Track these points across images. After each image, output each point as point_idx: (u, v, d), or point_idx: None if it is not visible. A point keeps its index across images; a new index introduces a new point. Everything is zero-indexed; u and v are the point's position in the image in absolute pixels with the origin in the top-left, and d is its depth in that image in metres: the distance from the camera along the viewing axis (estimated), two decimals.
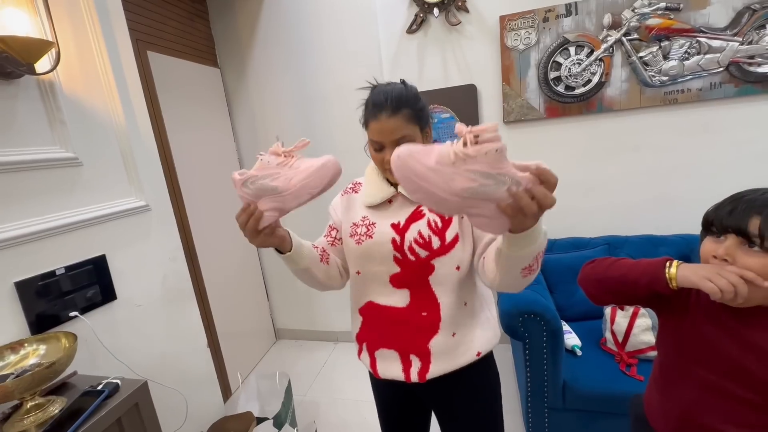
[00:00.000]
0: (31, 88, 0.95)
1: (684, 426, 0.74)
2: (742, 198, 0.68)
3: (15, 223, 0.90)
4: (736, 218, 0.65)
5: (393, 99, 0.79)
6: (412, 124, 0.80)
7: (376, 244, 0.85)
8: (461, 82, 2.02)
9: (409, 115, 0.80)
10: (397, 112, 0.79)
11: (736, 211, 0.66)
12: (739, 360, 0.65)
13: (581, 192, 2.00)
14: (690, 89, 1.74)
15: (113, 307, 1.12)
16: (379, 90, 0.83)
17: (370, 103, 0.84)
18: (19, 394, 0.77)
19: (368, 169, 0.97)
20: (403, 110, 0.79)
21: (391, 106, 0.79)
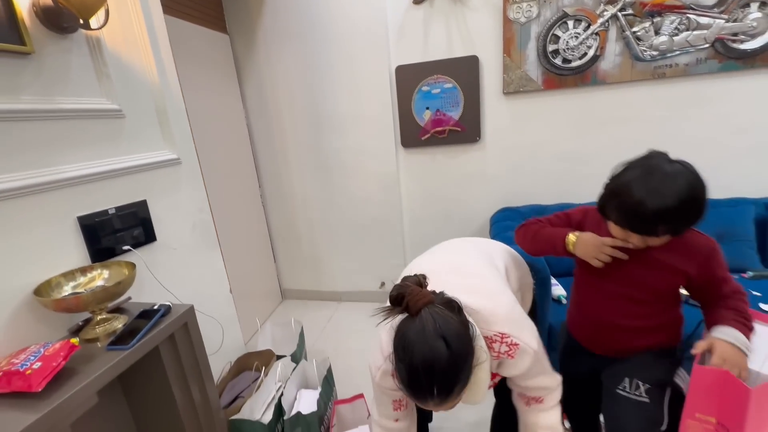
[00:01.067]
0: (82, 42, 1.05)
1: (594, 327, 1.03)
2: (644, 205, 0.79)
3: (74, 165, 1.01)
4: (647, 229, 0.82)
5: (442, 385, 0.65)
6: (463, 392, 0.70)
7: None
8: (464, 53, 2.11)
9: (461, 387, 0.68)
10: (449, 396, 0.67)
11: (646, 222, 0.81)
12: (639, 273, 0.92)
13: (574, 160, 2.14)
14: (677, 64, 1.86)
15: (154, 248, 1.26)
16: (415, 366, 0.65)
17: (409, 384, 0.68)
18: (93, 306, 0.91)
19: None
20: (456, 389, 0.67)
21: (441, 395, 0.66)
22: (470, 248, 1.06)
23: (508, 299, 0.85)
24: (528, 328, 0.82)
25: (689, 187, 0.78)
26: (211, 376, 1.15)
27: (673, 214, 0.77)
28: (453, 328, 0.67)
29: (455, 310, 0.71)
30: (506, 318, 0.80)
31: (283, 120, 2.48)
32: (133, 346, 0.89)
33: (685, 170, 0.81)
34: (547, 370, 0.85)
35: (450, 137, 2.24)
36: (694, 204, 0.79)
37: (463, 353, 0.67)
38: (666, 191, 0.78)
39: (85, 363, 0.85)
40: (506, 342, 0.78)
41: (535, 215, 2.06)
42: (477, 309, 0.78)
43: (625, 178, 0.85)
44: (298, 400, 1.44)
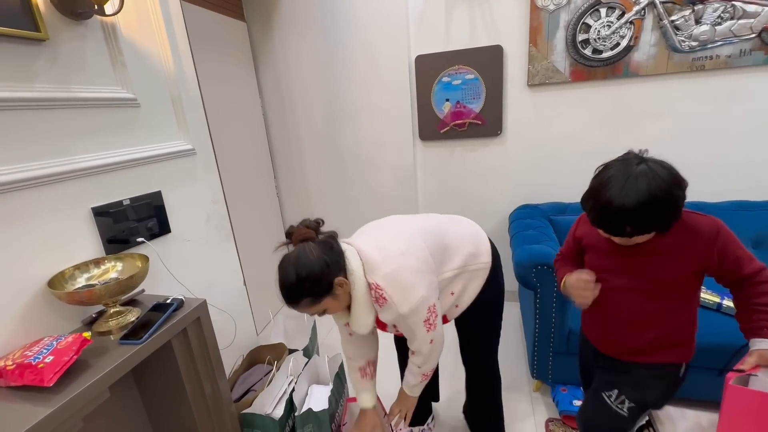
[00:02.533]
0: (97, 29, 1.02)
1: (601, 324, 1.04)
2: (611, 205, 0.79)
3: (89, 155, 1.00)
4: (616, 229, 0.84)
5: (287, 296, 0.93)
6: (317, 304, 0.94)
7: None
8: (487, 43, 2.02)
9: (308, 301, 0.93)
10: (297, 305, 0.93)
11: (613, 223, 0.83)
12: (645, 263, 0.90)
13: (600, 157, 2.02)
14: (719, 56, 1.74)
15: (168, 239, 1.25)
16: (279, 284, 0.95)
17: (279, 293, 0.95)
18: (106, 299, 0.90)
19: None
20: (301, 302, 0.93)
21: (289, 302, 0.94)
22: (417, 220, 1.14)
23: (402, 263, 0.97)
24: (406, 294, 0.95)
25: (649, 189, 0.76)
26: (222, 370, 1.14)
27: (633, 215, 0.78)
28: (306, 262, 0.91)
29: (326, 249, 0.94)
30: (385, 274, 0.95)
31: (299, 110, 2.44)
32: (146, 341, 0.88)
33: (649, 171, 0.78)
34: (415, 336, 1.02)
35: (470, 130, 2.17)
36: (654, 205, 0.76)
37: (307, 277, 0.90)
38: (627, 192, 0.77)
39: (97, 356, 0.85)
40: (378, 292, 0.96)
41: (556, 213, 2.01)
42: (367, 259, 0.98)
43: (598, 180, 0.85)
44: (309, 396, 1.43)
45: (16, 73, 0.86)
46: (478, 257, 1.14)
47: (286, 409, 1.34)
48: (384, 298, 0.95)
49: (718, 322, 1.42)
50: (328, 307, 0.97)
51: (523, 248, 1.59)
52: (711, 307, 1.50)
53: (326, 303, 0.95)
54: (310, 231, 0.97)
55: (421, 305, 0.97)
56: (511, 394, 1.66)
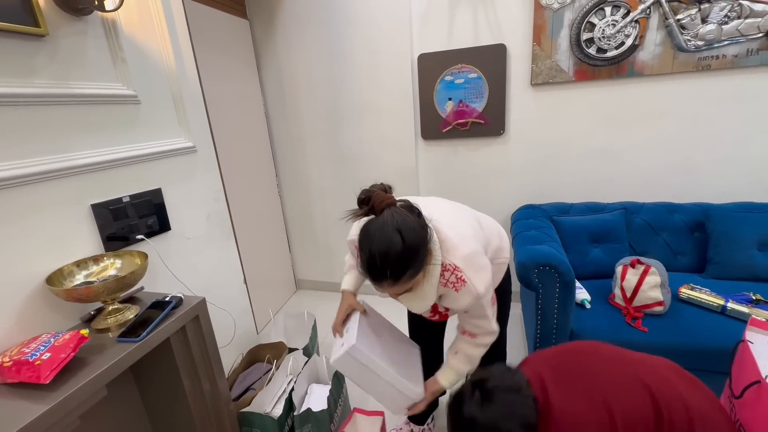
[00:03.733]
0: (97, 25, 1.02)
1: None
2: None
3: (89, 152, 1.00)
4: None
5: (392, 268, 0.77)
6: (414, 278, 0.82)
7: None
8: (491, 42, 2.01)
9: (412, 273, 0.80)
10: (400, 278, 0.79)
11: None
12: None
13: (603, 157, 2.03)
14: (725, 55, 1.72)
15: (168, 237, 1.24)
16: (375, 253, 0.77)
17: (367, 268, 0.80)
18: (104, 296, 0.90)
19: None
20: (406, 273, 0.79)
21: (393, 276, 0.78)
22: (465, 208, 1.13)
23: (476, 247, 0.91)
24: (483, 276, 0.89)
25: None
26: (221, 368, 1.14)
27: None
28: (409, 224, 0.78)
29: (414, 213, 0.82)
30: (465, 255, 0.87)
31: (301, 108, 2.44)
32: (144, 339, 0.88)
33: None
34: (487, 316, 0.96)
35: (472, 130, 2.15)
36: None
37: (415, 245, 0.78)
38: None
39: (95, 354, 0.84)
40: (456, 274, 0.87)
41: (559, 213, 2.00)
42: (445, 238, 0.88)
43: None
44: (308, 395, 1.42)
45: (15, 69, 0.85)
46: (502, 252, 1.14)
47: (285, 408, 1.33)
48: (463, 280, 0.86)
49: (723, 324, 1.40)
50: (414, 285, 0.85)
51: (525, 249, 1.58)
52: (715, 309, 1.48)
53: (418, 278, 0.84)
54: (390, 196, 0.83)
55: (490, 287, 0.92)
56: None
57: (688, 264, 1.84)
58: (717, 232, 1.75)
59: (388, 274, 0.77)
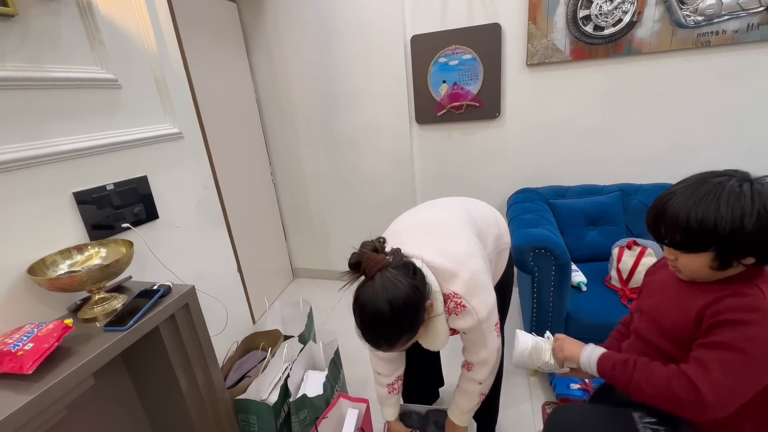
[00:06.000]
0: (71, 5, 0.98)
1: None
2: (661, 213, 0.75)
3: (68, 138, 0.96)
4: (652, 233, 0.78)
5: (385, 341, 0.80)
6: (412, 339, 0.84)
7: None
8: (485, 21, 1.95)
9: (406, 338, 0.81)
10: (394, 346, 0.81)
11: (649, 227, 0.78)
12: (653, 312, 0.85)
13: (600, 139, 2.00)
14: (725, 31, 1.67)
15: (156, 225, 1.22)
16: (367, 328, 0.79)
17: (363, 337, 0.81)
18: (89, 285, 0.88)
19: None
20: (400, 342, 0.80)
21: (387, 345, 0.80)
22: (454, 207, 1.07)
23: (474, 265, 0.90)
24: (483, 297, 0.88)
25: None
26: (214, 356, 1.13)
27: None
28: (401, 293, 0.76)
29: (409, 273, 0.80)
30: (464, 282, 0.87)
31: (292, 93, 2.39)
32: (131, 328, 0.86)
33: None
34: (486, 344, 0.94)
35: (467, 113, 2.11)
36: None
37: (407, 314, 0.77)
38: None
39: (81, 343, 0.83)
40: (456, 301, 0.87)
41: (556, 197, 1.98)
42: (440, 269, 0.87)
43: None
44: (304, 381, 1.42)
45: None
46: (502, 238, 1.12)
47: (280, 395, 1.33)
48: (463, 305, 0.86)
49: None
50: (416, 335, 0.86)
51: (521, 232, 1.56)
52: None
53: (419, 334, 0.85)
54: (382, 258, 0.79)
55: (493, 308, 0.91)
56: (509, 378, 1.65)
57: None
58: None
59: (382, 343, 0.80)
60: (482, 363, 0.97)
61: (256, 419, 1.30)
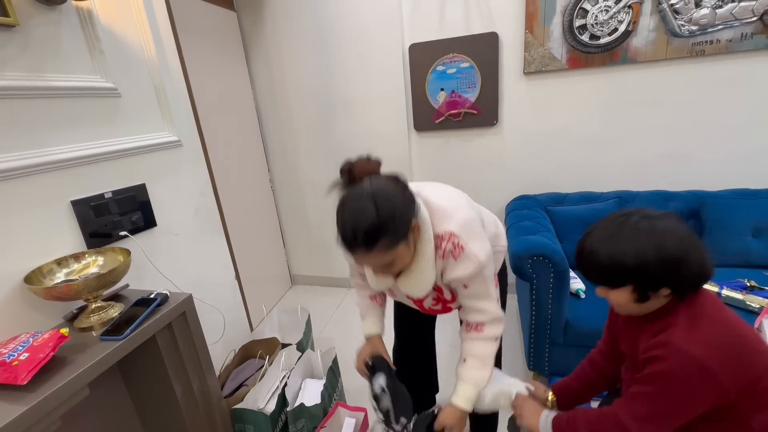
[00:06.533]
0: (72, 15, 0.99)
1: None
2: (581, 253, 0.79)
3: (67, 147, 0.97)
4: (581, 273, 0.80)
5: (363, 235, 0.71)
6: (392, 249, 0.76)
7: (400, 300, 1.05)
8: (482, 30, 1.98)
9: (386, 243, 0.74)
10: (372, 248, 0.73)
11: (577, 267, 0.81)
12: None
13: (597, 146, 2.01)
14: (719, 40, 1.69)
15: (154, 233, 1.22)
16: (346, 223, 0.74)
17: (341, 237, 0.75)
18: (86, 294, 0.88)
19: None
20: (379, 242, 0.73)
21: (364, 244, 0.73)
22: (458, 192, 1.05)
23: (472, 214, 0.87)
24: (481, 242, 0.84)
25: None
26: (211, 365, 1.12)
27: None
28: (387, 191, 0.73)
29: (399, 184, 0.78)
30: (460, 222, 0.83)
31: (291, 101, 2.40)
32: (127, 337, 0.86)
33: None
34: (491, 295, 0.90)
35: (465, 120, 2.13)
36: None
37: (390, 212, 0.72)
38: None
39: (77, 353, 0.82)
40: (453, 242, 0.82)
41: (554, 204, 1.98)
42: (436, 207, 0.84)
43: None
44: (302, 390, 1.41)
45: None
46: (499, 239, 1.09)
47: (278, 404, 1.32)
48: (461, 246, 0.81)
49: None
50: (397, 258, 0.78)
51: (519, 239, 1.56)
52: None
53: (400, 250, 0.77)
54: (374, 164, 0.79)
55: (491, 258, 0.86)
56: None
57: None
58: (712, 220, 1.74)
59: (360, 241, 0.72)
60: (493, 318, 0.91)
61: (253, 429, 1.29)
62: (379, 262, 0.78)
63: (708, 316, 0.70)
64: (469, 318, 0.94)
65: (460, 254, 0.82)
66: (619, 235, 0.73)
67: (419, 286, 0.87)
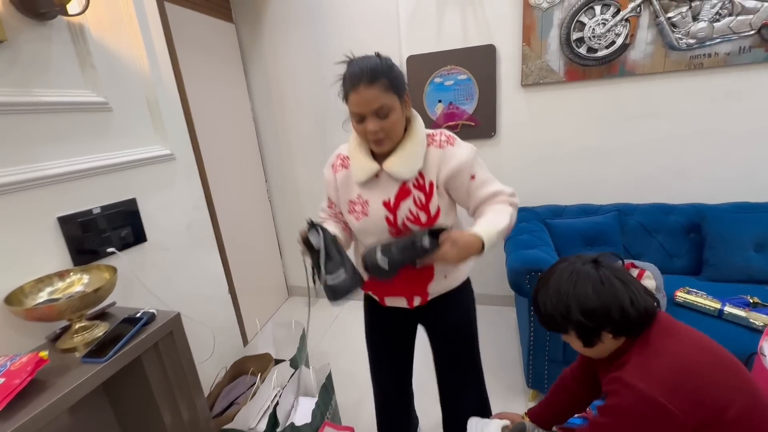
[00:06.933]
0: (63, 30, 0.98)
1: None
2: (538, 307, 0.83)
3: (54, 162, 0.95)
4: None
5: (368, 70, 0.82)
6: (389, 93, 0.83)
7: (373, 222, 0.95)
8: (480, 42, 1.98)
9: (385, 84, 0.82)
10: (374, 82, 0.81)
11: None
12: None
13: (596, 158, 2.00)
14: (717, 53, 1.69)
15: (144, 249, 1.20)
16: (354, 63, 0.86)
17: (347, 76, 0.86)
18: (69, 314, 0.85)
19: (351, 143, 1.00)
20: (380, 80, 0.82)
21: (367, 77, 0.81)
22: None
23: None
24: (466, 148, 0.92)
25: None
26: (199, 386, 1.09)
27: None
28: (386, 58, 0.86)
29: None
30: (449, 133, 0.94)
31: (289, 112, 2.40)
32: (110, 359, 0.83)
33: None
34: (495, 179, 0.95)
35: (463, 132, 2.12)
36: None
37: (391, 67, 0.85)
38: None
39: (57, 376, 0.79)
40: (445, 134, 0.92)
41: (552, 216, 1.96)
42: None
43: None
44: (295, 409, 1.37)
45: None
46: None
47: (269, 423, 1.29)
48: (452, 136, 0.92)
49: (721, 329, 1.36)
50: (390, 111, 0.84)
51: (517, 254, 1.54)
52: (712, 313, 1.44)
53: (394, 104, 0.84)
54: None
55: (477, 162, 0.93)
56: (506, 404, 1.61)
57: (684, 266, 1.80)
58: (713, 234, 1.71)
59: (364, 76, 0.81)
60: (510, 193, 0.93)
61: None
62: (377, 102, 0.82)
63: (660, 349, 0.72)
64: (485, 203, 0.93)
65: (455, 140, 0.92)
66: (547, 286, 0.79)
67: (408, 164, 0.89)
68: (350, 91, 0.85)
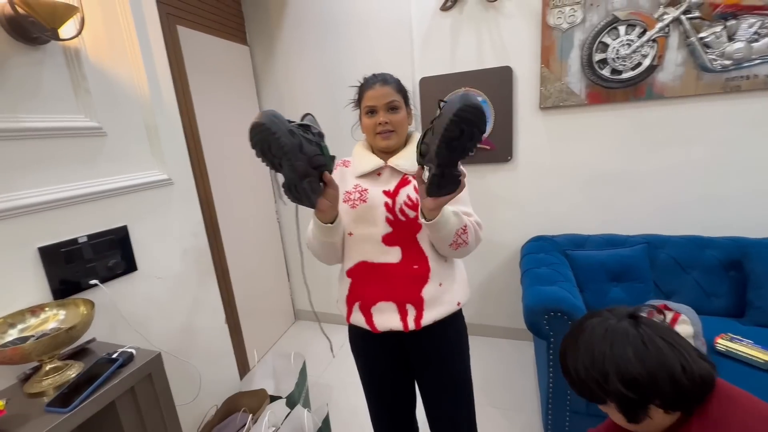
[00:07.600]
0: (57, 54, 0.95)
1: None
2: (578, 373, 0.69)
3: (38, 190, 0.91)
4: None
5: (382, 75, 0.97)
6: (399, 95, 0.96)
7: (370, 207, 0.95)
8: (496, 64, 1.90)
9: (397, 86, 0.96)
10: (388, 83, 0.95)
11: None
12: None
13: (621, 185, 1.86)
14: (757, 75, 1.55)
15: (134, 278, 1.14)
16: (370, 74, 1.00)
17: (363, 81, 1.00)
18: (37, 356, 0.78)
19: (356, 146, 1.09)
20: (392, 83, 0.96)
21: (382, 78, 0.96)
22: None
23: None
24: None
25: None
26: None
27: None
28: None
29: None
30: None
31: None
32: (74, 410, 0.75)
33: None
34: (470, 206, 0.98)
35: (478, 156, 2.02)
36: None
37: (398, 80, 0.98)
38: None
39: (17, 427, 0.72)
40: None
41: (573, 247, 1.82)
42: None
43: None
44: None
45: None
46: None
47: None
48: None
49: None
50: (400, 109, 0.96)
51: (534, 290, 1.41)
52: (761, 366, 1.26)
53: (402, 105, 0.96)
54: None
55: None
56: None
57: (724, 307, 1.62)
58: (758, 272, 1.53)
59: (379, 78, 0.95)
60: (474, 215, 0.97)
61: None
62: (389, 96, 0.94)
63: (725, 425, 0.59)
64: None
65: None
66: (576, 345, 0.67)
67: (411, 159, 0.95)
68: (366, 89, 0.96)
